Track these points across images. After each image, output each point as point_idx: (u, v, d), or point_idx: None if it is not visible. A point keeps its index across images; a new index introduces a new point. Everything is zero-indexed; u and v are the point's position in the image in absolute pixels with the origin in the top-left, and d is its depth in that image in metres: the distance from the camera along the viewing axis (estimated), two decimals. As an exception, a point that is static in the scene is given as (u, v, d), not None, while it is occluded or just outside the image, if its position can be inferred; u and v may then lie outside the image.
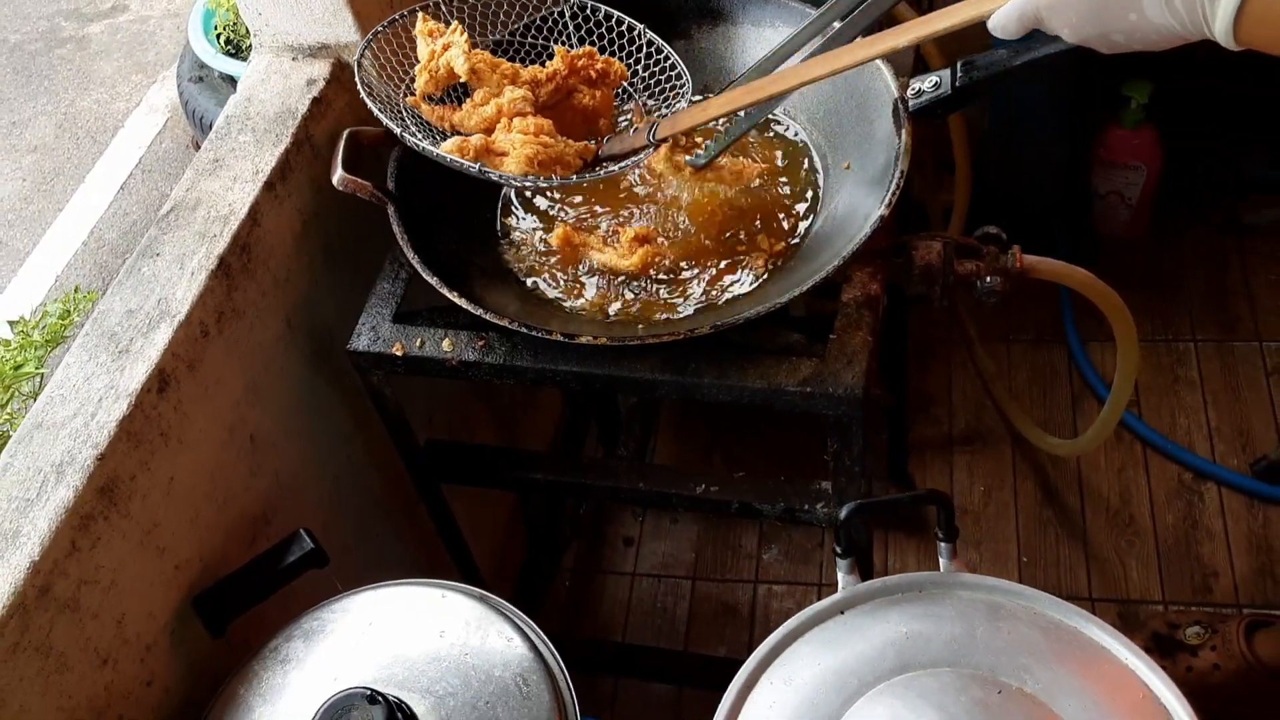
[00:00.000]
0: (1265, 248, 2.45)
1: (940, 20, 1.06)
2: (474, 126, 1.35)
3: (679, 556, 2.23)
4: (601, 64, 1.37)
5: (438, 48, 1.34)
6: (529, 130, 1.30)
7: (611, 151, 1.36)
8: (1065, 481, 2.20)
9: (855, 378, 1.24)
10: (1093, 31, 0.90)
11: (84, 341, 1.28)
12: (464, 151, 1.29)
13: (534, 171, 1.28)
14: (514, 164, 1.28)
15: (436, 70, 1.35)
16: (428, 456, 1.55)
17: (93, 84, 3.94)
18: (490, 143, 1.31)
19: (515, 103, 1.33)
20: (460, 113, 1.36)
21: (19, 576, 1.09)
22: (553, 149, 1.29)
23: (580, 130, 1.40)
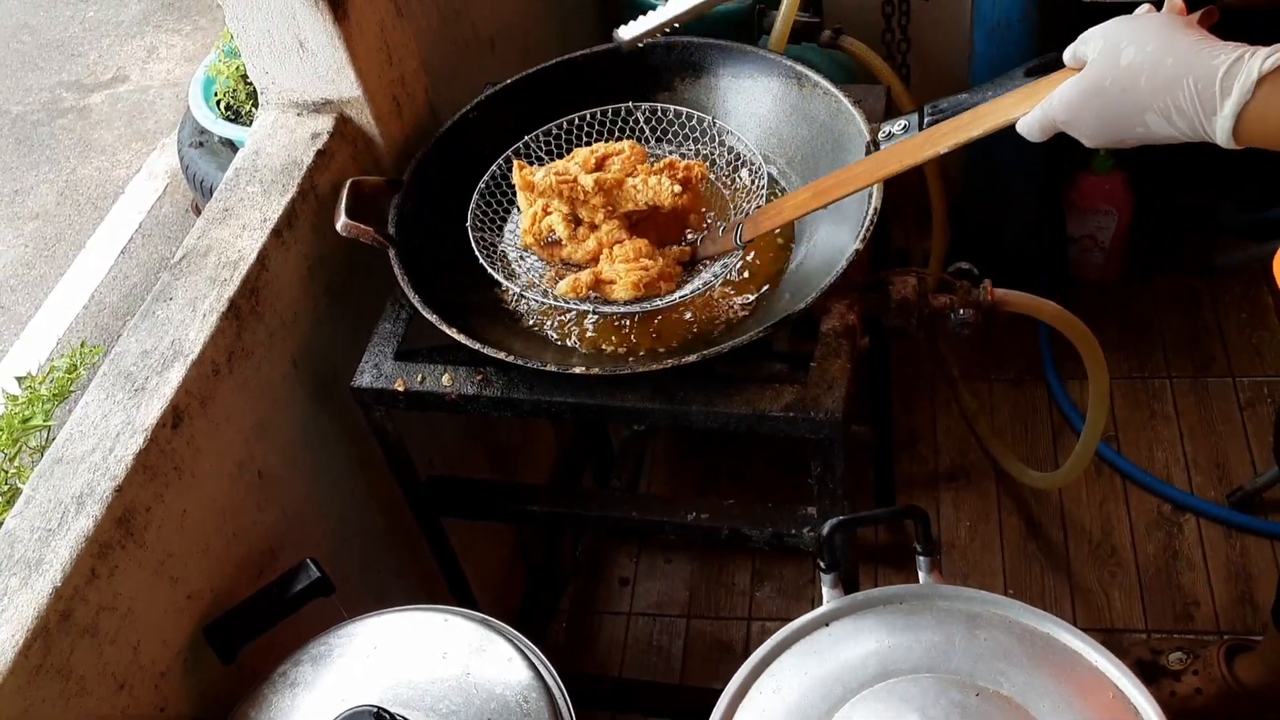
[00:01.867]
0: (1236, 288, 2.53)
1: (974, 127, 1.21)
2: (581, 259, 1.47)
3: (673, 595, 2.27)
4: (683, 170, 1.47)
5: (538, 209, 1.47)
6: (630, 257, 1.42)
7: (706, 252, 1.47)
8: (1048, 515, 2.26)
9: (835, 403, 1.31)
10: (1107, 140, 1.02)
11: (101, 381, 1.34)
12: (577, 291, 1.41)
13: (642, 294, 1.40)
14: (623, 291, 1.40)
15: (540, 233, 1.48)
16: (428, 491, 1.61)
17: (94, 152, 4.03)
18: (598, 274, 1.42)
19: (612, 233, 1.45)
20: (566, 249, 1.48)
21: (42, 601, 1.14)
22: (653, 269, 1.41)
23: (676, 231, 1.51)
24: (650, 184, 1.44)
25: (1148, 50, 0.94)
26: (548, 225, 1.48)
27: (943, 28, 2.32)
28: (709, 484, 2.45)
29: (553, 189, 1.46)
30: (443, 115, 1.67)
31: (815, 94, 1.56)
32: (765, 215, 1.41)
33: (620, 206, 1.46)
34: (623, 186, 1.46)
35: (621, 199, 1.46)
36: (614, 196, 1.46)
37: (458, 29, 1.89)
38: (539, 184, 1.46)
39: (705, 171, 1.50)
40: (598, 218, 1.46)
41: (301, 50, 1.52)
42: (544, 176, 1.46)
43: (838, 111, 1.52)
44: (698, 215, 1.53)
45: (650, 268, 1.42)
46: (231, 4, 1.50)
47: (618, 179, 1.46)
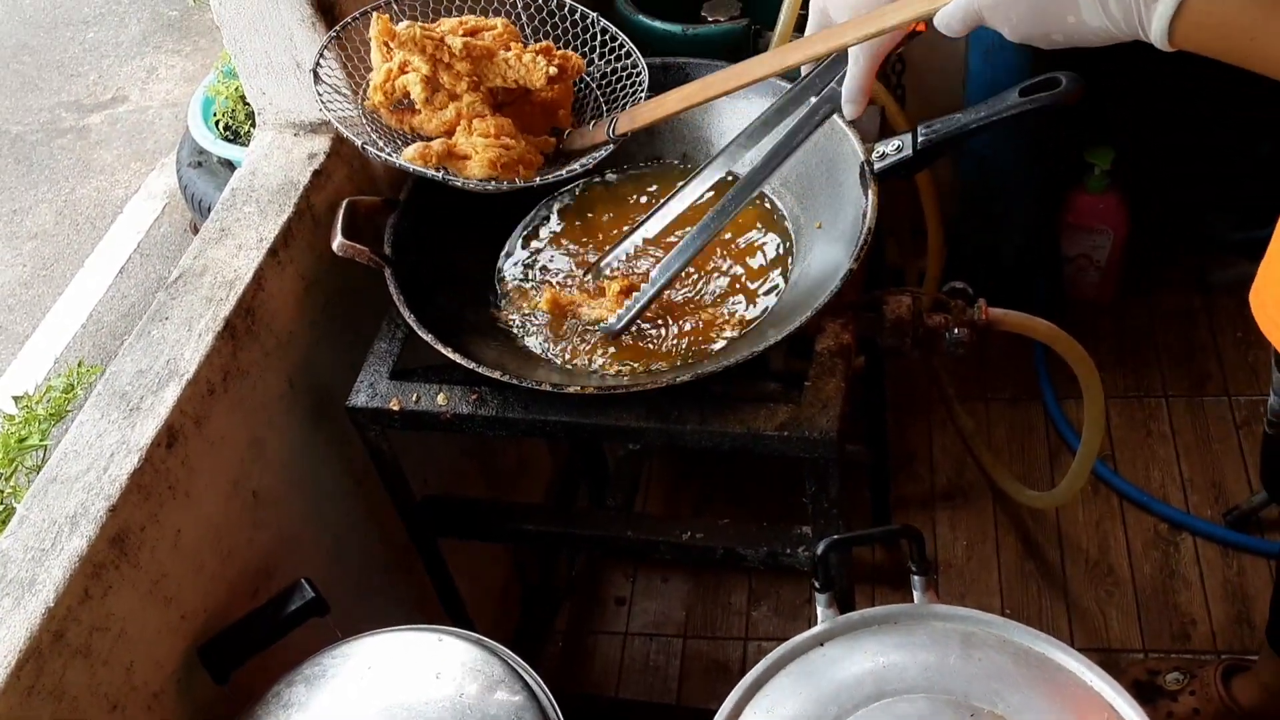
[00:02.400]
0: (1232, 305, 2.53)
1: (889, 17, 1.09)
2: (434, 130, 1.35)
3: (670, 615, 2.27)
4: (559, 57, 1.37)
5: (394, 66, 1.34)
6: (489, 132, 1.31)
7: (573, 146, 1.38)
8: (1045, 534, 2.26)
9: (830, 422, 1.31)
10: (1032, 30, 0.95)
11: (96, 400, 1.34)
12: (426, 159, 1.30)
13: (498, 174, 1.30)
14: (477, 168, 1.30)
15: (391, 91, 1.36)
16: (424, 511, 1.60)
17: (92, 172, 4.05)
18: (452, 146, 1.31)
19: (474, 105, 1.33)
20: (419, 116, 1.36)
21: (35, 622, 1.14)
22: (514, 150, 1.30)
23: (541, 123, 1.39)
24: (524, 60, 1.33)
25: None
26: (402, 85, 1.34)
27: (938, 49, 2.32)
28: (705, 504, 2.44)
29: (415, 42, 1.31)
30: (439, 135, 1.68)
31: (810, 114, 1.56)
32: (644, 109, 1.32)
33: (487, 80, 1.34)
34: (493, 58, 1.34)
35: (490, 72, 1.34)
36: (482, 67, 1.34)
37: (454, 50, 1.90)
38: (400, 33, 1.32)
39: (582, 66, 1.40)
40: (460, 87, 1.34)
41: (298, 71, 1.53)
42: (407, 27, 1.33)
43: (831, 132, 1.52)
44: (566, 112, 1.41)
45: (512, 146, 1.31)
46: (229, 25, 1.51)
47: (488, 47, 1.34)
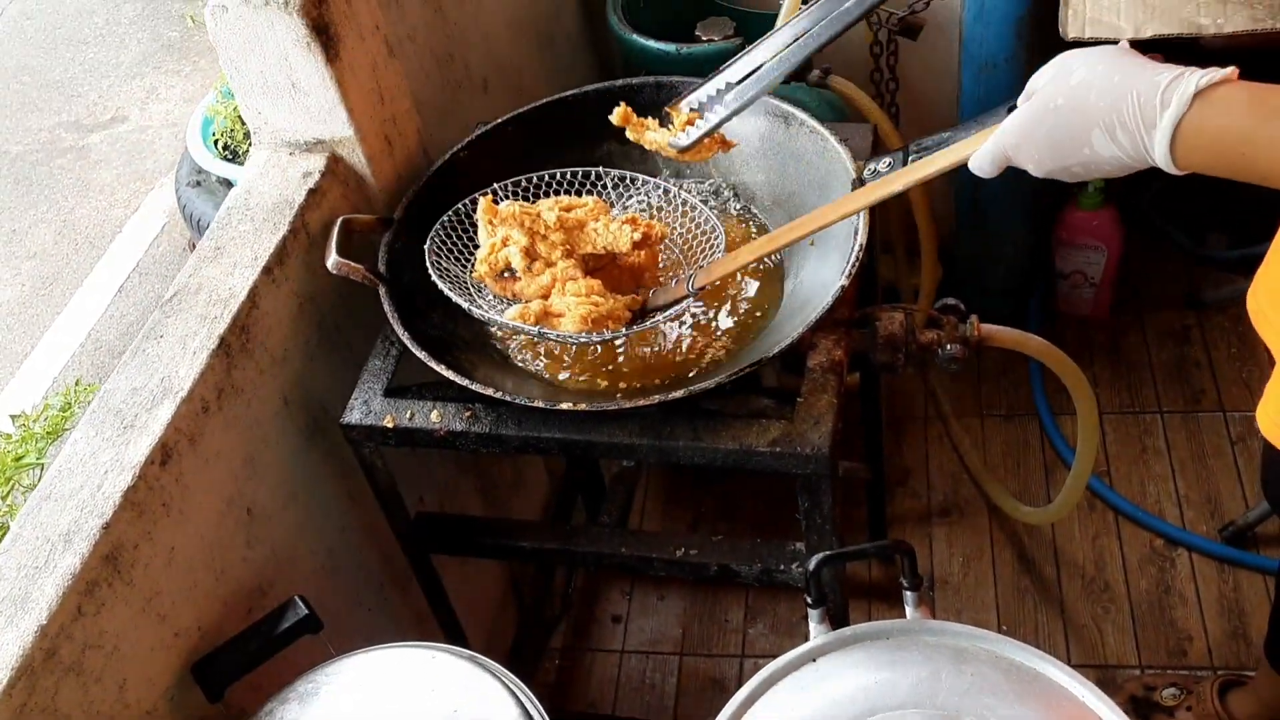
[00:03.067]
0: (1225, 322, 2.54)
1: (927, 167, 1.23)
2: (533, 294, 1.46)
3: (666, 633, 2.27)
4: (644, 226, 1.49)
5: (497, 241, 1.47)
6: (581, 292, 1.42)
7: (657, 303, 1.47)
8: (1041, 551, 2.26)
9: (822, 438, 1.32)
10: (1054, 166, 1.05)
11: (91, 418, 1.35)
12: (525, 318, 1.41)
13: (588, 328, 1.39)
14: (570, 323, 1.40)
15: (495, 263, 1.48)
16: (418, 527, 1.61)
17: (92, 192, 4.06)
18: (548, 306, 1.42)
19: (567, 270, 1.45)
20: (520, 283, 1.48)
21: (27, 640, 1.14)
22: (603, 306, 1.41)
23: (629, 285, 1.51)
24: (611, 229, 1.46)
25: (1098, 70, 0.97)
26: (504, 257, 1.46)
27: (931, 68, 2.34)
28: (701, 522, 2.44)
29: (514, 218, 1.45)
30: (434, 154, 1.69)
31: (802, 132, 1.58)
32: (719, 263, 1.43)
33: (579, 248, 1.46)
34: (584, 228, 1.46)
35: (581, 240, 1.46)
36: (574, 236, 1.46)
37: (450, 70, 1.91)
38: (502, 211, 1.46)
39: (666, 233, 1.51)
40: (555, 255, 1.46)
41: (294, 91, 1.54)
42: (507, 206, 1.46)
43: (824, 149, 1.53)
44: (653, 275, 1.53)
45: (600, 305, 1.41)
46: (225, 46, 1.52)
47: (579, 220, 1.47)
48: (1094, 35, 1.65)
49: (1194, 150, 0.94)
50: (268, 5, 1.44)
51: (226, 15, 1.47)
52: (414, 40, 1.78)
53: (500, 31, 2.08)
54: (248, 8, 1.45)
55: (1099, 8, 1.65)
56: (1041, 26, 1.96)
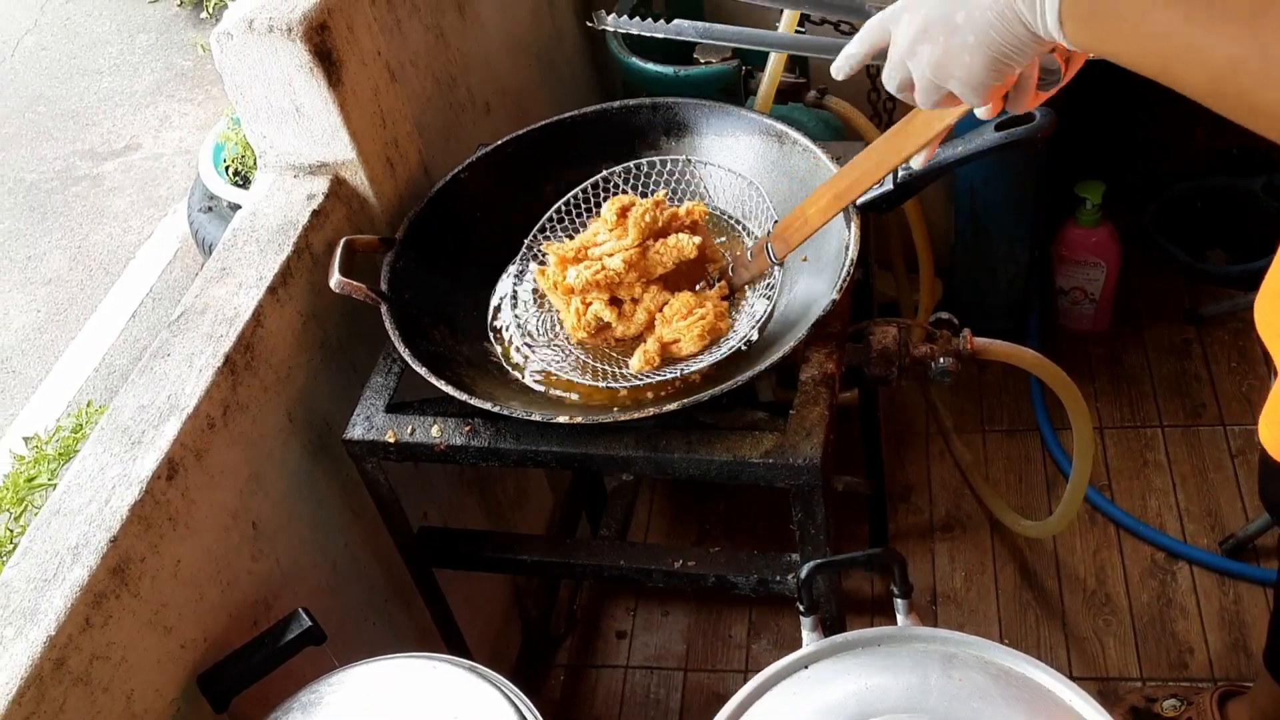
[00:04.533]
0: (1225, 337, 2.56)
1: None
2: (634, 333, 1.51)
3: (670, 648, 2.28)
4: (688, 215, 1.53)
5: (579, 305, 1.51)
6: (682, 313, 1.47)
7: (742, 280, 1.52)
8: (1043, 565, 2.27)
9: (814, 448, 1.34)
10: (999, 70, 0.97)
11: (99, 435, 1.38)
12: (650, 363, 1.45)
13: (709, 340, 1.45)
14: (691, 345, 1.45)
15: (590, 324, 1.52)
16: (421, 541, 1.63)
17: (106, 218, 4.12)
18: (661, 340, 1.47)
19: (657, 298, 1.50)
20: (618, 329, 1.52)
21: (36, 650, 1.17)
22: (709, 314, 1.46)
23: (700, 271, 1.55)
24: (671, 244, 1.50)
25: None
26: (594, 315, 1.51)
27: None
28: (706, 540, 2.46)
29: (590, 284, 1.49)
30: (436, 175, 1.73)
31: (795, 150, 1.61)
32: (791, 229, 1.44)
33: (653, 273, 1.51)
34: (647, 255, 1.50)
35: (651, 266, 1.50)
36: (644, 268, 1.50)
37: (453, 93, 1.95)
38: (575, 284, 1.50)
39: (705, 209, 1.56)
40: (635, 291, 1.51)
41: (298, 115, 1.58)
42: (577, 275, 1.50)
43: (816, 167, 1.56)
44: (713, 249, 1.57)
45: (705, 314, 1.47)
46: (231, 72, 1.56)
47: (640, 252, 1.50)
48: (1082, 53, 1.68)
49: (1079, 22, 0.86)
50: (271, 32, 1.48)
51: (231, 42, 1.51)
52: (416, 65, 1.82)
53: (502, 56, 2.12)
54: (252, 35, 1.49)
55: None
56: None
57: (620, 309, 1.52)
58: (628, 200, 1.55)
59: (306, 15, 1.48)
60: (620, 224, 1.52)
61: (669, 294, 1.51)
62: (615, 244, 1.51)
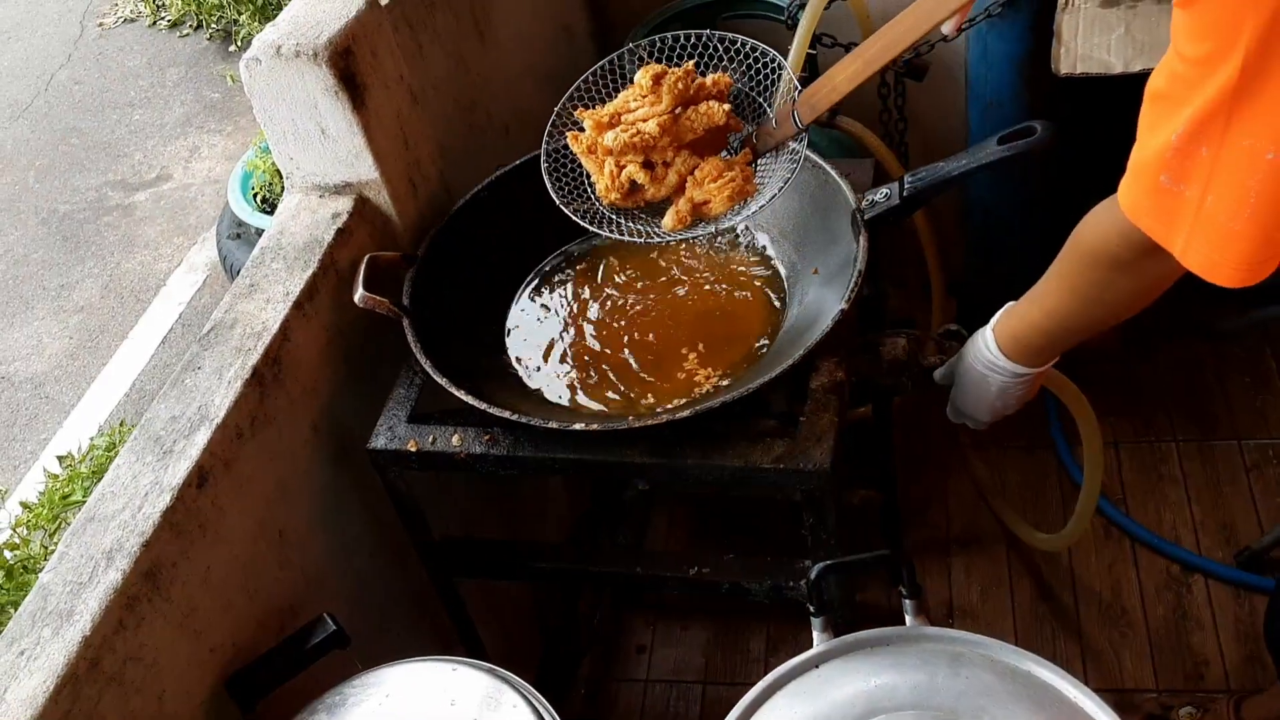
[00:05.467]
0: (1238, 352, 2.57)
1: None
2: (665, 194, 1.55)
3: (690, 662, 2.31)
4: (713, 85, 1.57)
5: (613, 167, 1.55)
6: (713, 176, 1.51)
7: (766, 146, 1.55)
8: (1058, 578, 2.29)
9: (824, 454, 1.37)
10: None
11: (133, 445, 1.43)
12: (682, 221, 1.51)
13: (739, 202, 1.50)
14: (721, 205, 1.51)
15: (623, 185, 1.56)
16: (442, 550, 1.67)
17: (137, 247, 4.20)
18: (693, 200, 1.52)
19: (688, 162, 1.54)
20: (649, 191, 1.56)
21: (72, 650, 1.21)
22: (737, 177, 1.51)
23: (722, 138, 1.59)
24: (703, 111, 1.53)
25: None
26: (627, 177, 1.55)
27: (938, 107, 2.41)
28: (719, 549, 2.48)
29: (626, 145, 1.52)
30: (456, 194, 1.78)
31: (805, 167, 1.64)
32: (819, 94, 1.48)
33: (684, 139, 1.54)
34: (679, 122, 1.53)
35: (683, 132, 1.54)
36: (676, 132, 1.53)
37: (473, 115, 2.00)
38: (611, 144, 1.53)
39: (730, 81, 1.59)
40: (669, 155, 1.54)
41: (323, 137, 1.63)
42: (614, 138, 1.53)
43: (825, 183, 1.60)
44: (734, 119, 1.60)
45: (735, 177, 1.51)
46: (259, 96, 1.61)
47: (673, 117, 1.53)
48: (1085, 71, 1.72)
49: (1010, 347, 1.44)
50: (298, 57, 1.53)
51: (260, 67, 1.57)
52: (438, 89, 1.88)
53: (521, 80, 2.18)
54: (279, 60, 1.55)
55: (1090, 45, 1.72)
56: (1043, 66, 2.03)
57: (652, 172, 1.55)
58: (660, 69, 1.57)
59: (332, 41, 1.54)
60: (654, 90, 1.54)
61: (698, 159, 1.54)
62: (649, 109, 1.54)
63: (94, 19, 5.50)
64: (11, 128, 4.92)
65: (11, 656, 1.22)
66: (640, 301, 1.67)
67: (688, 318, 1.63)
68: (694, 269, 1.70)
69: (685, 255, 1.72)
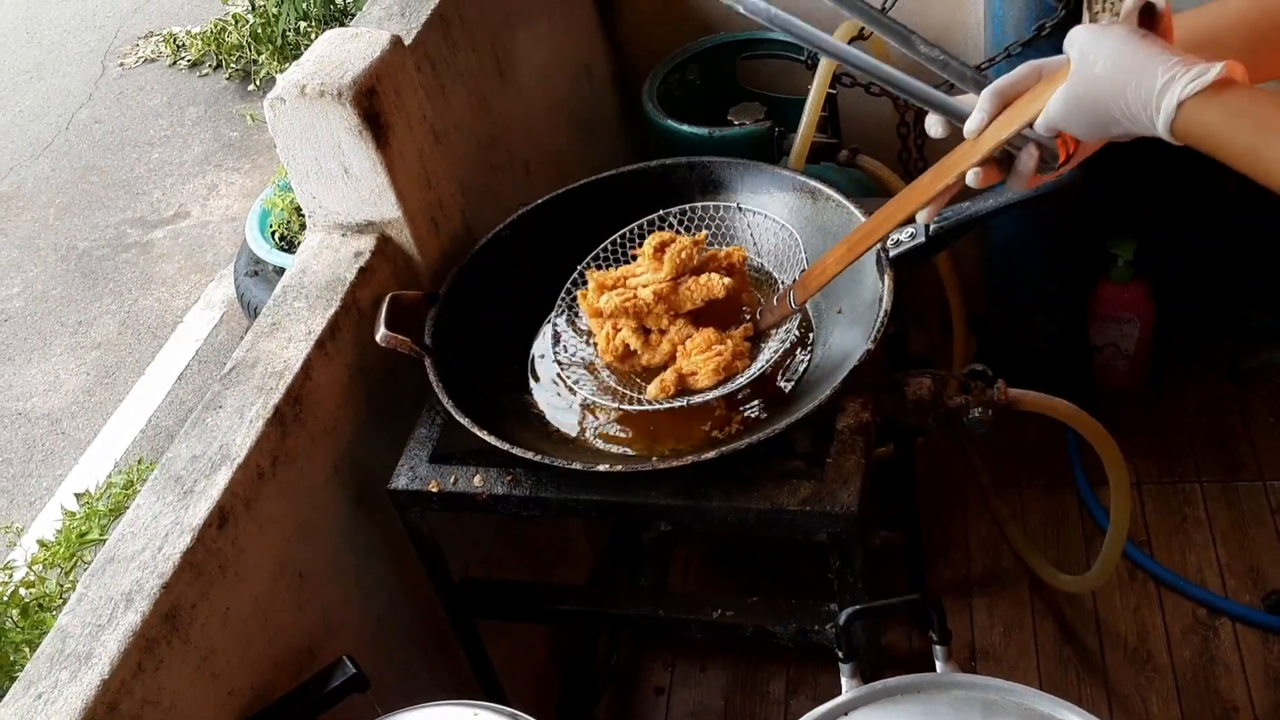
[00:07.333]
0: (1263, 391, 2.55)
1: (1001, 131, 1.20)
2: (660, 361, 1.57)
3: (709, 704, 2.28)
4: (725, 258, 1.60)
5: (609, 329, 1.59)
6: (702, 347, 1.53)
7: (767, 324, 1.57)
8: (1083, 621, 2.26)
9: (851, 496, 1.36)
10: (1099, 136, 1.13)
11: (153, 484, 1.42)
12: (666, 390, 1.52)
13: (723, 376, 1.51)
14: (706, 379, 1.51)
15: (617, 349, 1.59)
16: (462, 592, 1.66)
17: (154, 284, 4.21)
18: (679, 370, 1.53)
19: (681, 331, 1.56)
20: (644, 357, 1.58)
21: (90, 694, 1.20)
22: (726, 351, 1.52)
23: (734, 312, 1.62)
24: (702, 282, 1.56)
25: (1108, 64, 1.05)
26: (621, 341, 1.58)
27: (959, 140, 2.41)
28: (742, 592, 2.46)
29: (619, 310, 1.56)
30: (478, 233, 1.78)
31: (829, 207, 1.64)
32: (811, 277, 1.49)
33: (681, 308, 1.57)
34: (678, 290, 1.56)
35: (680, 301, 1.56)
36: (673, 301, 1.56)
37: (494, 155, 2.01)
38: (604, 307, 1.57)
39: (745, 254, 1.62)
40: (663, 323, 1.57)
41: (346, 176, 1.63)
42: (607, 300, 1.57)
43: (849, 222, 1.60)
44: (749, 294, 1.64)
45: (723, 351, 1.52)
46: (283, 135, 1.62)
47: (672, 286, 1.56)
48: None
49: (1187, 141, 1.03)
50: (322, 96, 1.54)
51: (284, 106, 1.57)
52: (459, 129, 1.88)
53: (541, 119, 2.18)
54: (303, 99, 1.55)
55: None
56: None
57: (648, 338, 1.58)
58: (668, 236, 1.61)
59: (356, 80, 1.54)
60: (657, 258, 1.58)
61: (695, 329, 1.56)
62: (650, 276, 1.58)
63: (115, 59, 5.54)
64: (33, 166, 4.96)
65: (29, 700, 1.21)
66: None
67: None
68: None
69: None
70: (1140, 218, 2.47)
